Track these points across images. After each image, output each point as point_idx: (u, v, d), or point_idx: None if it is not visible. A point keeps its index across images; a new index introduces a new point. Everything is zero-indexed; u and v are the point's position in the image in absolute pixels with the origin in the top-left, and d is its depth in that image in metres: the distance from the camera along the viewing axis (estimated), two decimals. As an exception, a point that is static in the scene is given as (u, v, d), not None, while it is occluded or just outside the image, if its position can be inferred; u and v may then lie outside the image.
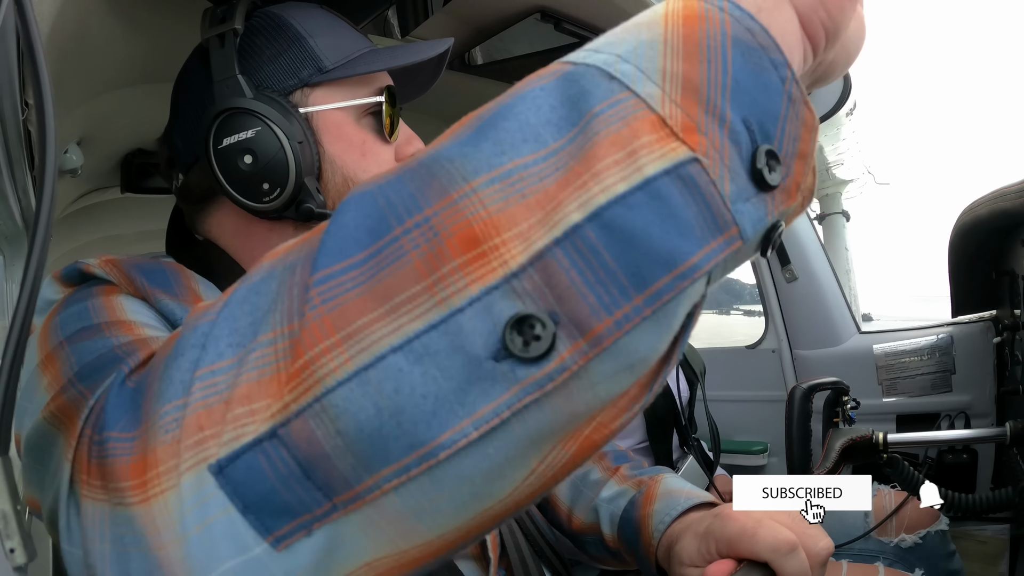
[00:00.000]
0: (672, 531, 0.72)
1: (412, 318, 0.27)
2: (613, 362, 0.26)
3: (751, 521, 0.58)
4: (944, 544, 1.22)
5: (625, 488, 0.84)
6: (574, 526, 0.88)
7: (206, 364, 0.31)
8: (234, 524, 0.29)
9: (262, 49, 0.73)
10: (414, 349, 0.26)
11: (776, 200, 0.29)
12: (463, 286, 0.26)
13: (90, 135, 1.44)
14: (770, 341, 1.93)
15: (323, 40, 0.74)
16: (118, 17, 0.99)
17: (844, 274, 2.78)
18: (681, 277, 0.26)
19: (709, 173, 0.27)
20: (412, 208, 0.28)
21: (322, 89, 0.73)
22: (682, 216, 0.26)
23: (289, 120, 0.69)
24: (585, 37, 1.41)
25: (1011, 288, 1.33)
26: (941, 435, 1.19)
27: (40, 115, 0.35)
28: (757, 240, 0.29)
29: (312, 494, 0.28)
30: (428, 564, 0.31)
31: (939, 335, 1.66)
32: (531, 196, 0.27)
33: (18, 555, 0.35)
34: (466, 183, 0.27)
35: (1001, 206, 1.18)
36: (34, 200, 0.97)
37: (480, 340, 0.26)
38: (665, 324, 0.27)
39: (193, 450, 0.30)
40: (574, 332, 0.26)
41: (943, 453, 1.60)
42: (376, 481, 0.27)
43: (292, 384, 0.28)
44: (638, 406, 0.29)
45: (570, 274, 0.26)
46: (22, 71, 0.74)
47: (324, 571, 0.30)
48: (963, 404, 1.62)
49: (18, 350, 0.35)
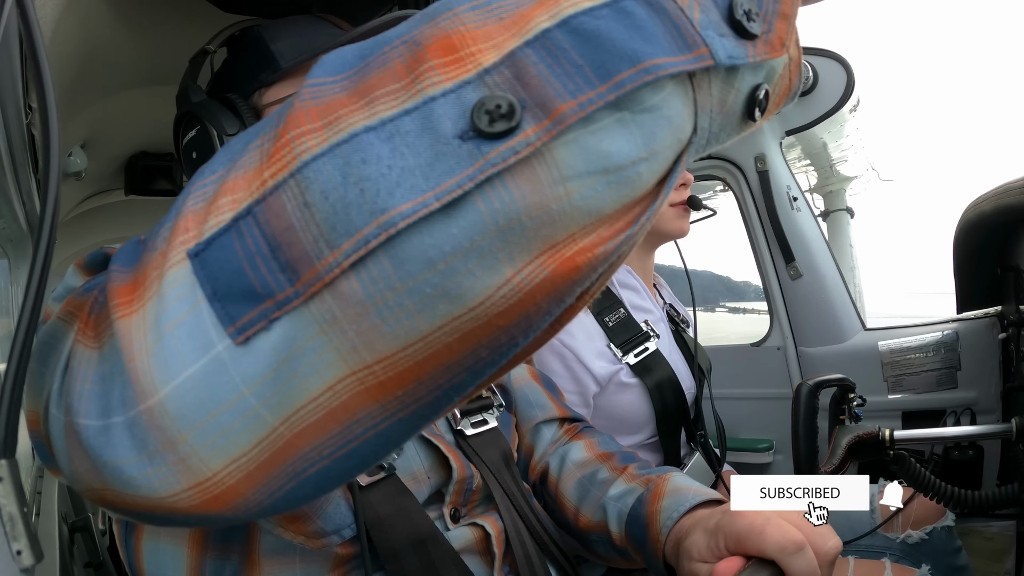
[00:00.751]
0: (681, 527, 0.72)
1: (389, 107, 0.28)
2: (581, 155, 0.27)
3: (760, 518, 0.58)
4: (950, 540, 1.22)
5: (633, 486, 0.84)
6: (581, 525, 0.88)
7: (198, 181, 0.33)
8: (200, 318, 0.29)
9: (233, 62, 0.82)
10: (386, 129, 0.27)
11: (758, 48, 0.30)
12: (438, 81, 0.28)
13: (94, 138, 1.45)
14: (775, 338, 1.93)
15: (284, 43, 0.79)
16: (121, 20, 0.99)
17: (849, 271, 2.77)
18: (645, 71, 0.27)
19: (677, 1, 0.28)
20: (402, 34, 0.30)
21: (277, 87, 0.77)
22: (647, 27, 0.27)
23: (228, 117, 0.74)
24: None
25: (1016, 284, 1.33)
26: (947, 431, 1.18)
27: (44, 118, 0.35)
28: (741, 90, 0.30)
29: (276, 276, 0.28)
30: (399, 399, 0.30)
31: (944, 331, 1.65)
32: (507, 17, 0.28)
33: (25, 557, 0.35)
34: (450, 11, 0.29)
35: (1006, 202, 1.18)
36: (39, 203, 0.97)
37: (450, 123, 0.27)
38: (635, 129, 0.28)
39: (177, 248, 0.30)
40: (539, 113, 0.27)
41: (949, 449, 1.60)
42: (336, 257, 0.27)
43: (271, 162, 0.29)
44: (623, 237, 0.29)
45: (538, 68, 0.27)
46: (26, 74, 0.74)
47: (285, 382, 0.29)
48: (969, 400, 1.61)
49: (23, 353, 0.35)
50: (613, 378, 1.30)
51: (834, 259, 1.82)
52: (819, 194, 3.03)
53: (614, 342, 1.32)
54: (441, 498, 0.75)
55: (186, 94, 0.79)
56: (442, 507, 0.75)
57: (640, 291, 1.44)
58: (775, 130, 1.80)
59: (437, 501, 0.75)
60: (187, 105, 0.78)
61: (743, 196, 1.85)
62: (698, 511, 0.72)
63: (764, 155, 1.76)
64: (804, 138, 1.99)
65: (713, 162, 1.86)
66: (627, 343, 1.32)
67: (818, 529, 0.57)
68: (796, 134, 1.85)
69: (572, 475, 0.91)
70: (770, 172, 1.77)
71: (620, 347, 1.31)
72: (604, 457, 0.92)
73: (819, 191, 3.02)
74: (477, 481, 0.78)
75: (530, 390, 1.00)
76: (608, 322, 1.33)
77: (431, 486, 0.74)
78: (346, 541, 0.65)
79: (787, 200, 1.78)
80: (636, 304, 1.41)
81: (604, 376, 1.29)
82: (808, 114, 1.78)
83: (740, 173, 1.82)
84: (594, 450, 0.94)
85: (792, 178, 1.82)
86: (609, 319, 1.33)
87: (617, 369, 1.30)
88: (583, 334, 1.30)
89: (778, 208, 1.77)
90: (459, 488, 0.76)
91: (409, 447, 0.75)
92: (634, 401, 1.32)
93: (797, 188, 1.82)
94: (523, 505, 0.81)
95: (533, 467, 0.97)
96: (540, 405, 0.99)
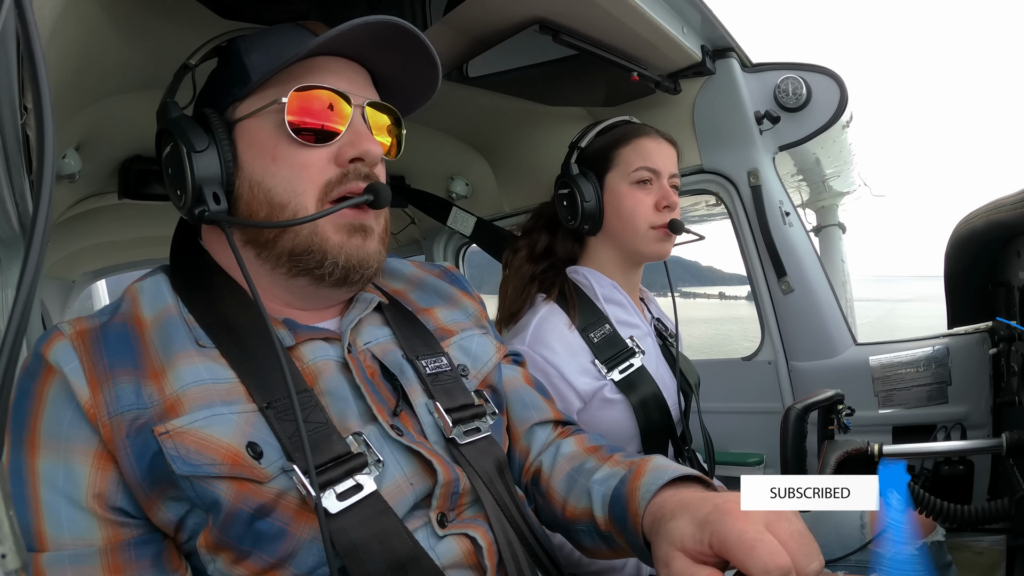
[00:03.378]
0: (662, 503, 0.70)
1: None
2: None
3: (752, 531, 0.56)
4: (941, 555, 1.22)
5: (617, 469, 0.85)
6: (568, 515, 0.88)
7: None
8: None
9: (215, 74, 0.84)
10: None
11: None
12: None
13: (88, 141, 1.44)
14: (766, 353, 1.93)
15: (257, 56, 0.80)
16: (118, 24, 0.99)
17: (840, 286, 2.78)
18: None
19: None
20: None
21: (248, 100, 0.79)
22: None
23: (199, 135, 0.77)
24: (583, 49, 1.42)
25: (1007, 299, 1.34)
26: (937, 446, 1.18)
27: (39, 120, 0.35)
28: None
29: None
30: None
31: (935, 346, 1.66)
32: None
33: (11, 560, 0.35)
34: None
35: (997, 218, 1.19)
36: (31, 204, 0.97)
37: None
38: None
39: None
40: None
41: (939, 464, 1.60)
42: None
43: None
44: None
45: None
46: (21, 76, 0.74)
47: None
48: (959, 415, 1.62)
49: (13, 354, 0.35)
50: (597, 394, 1.30)
51: (826, 274, 1.83)
52: (811, 209, 3.05)
53: (599, 358, 1.31)
54: (428, 504, 0.75)
55: (165, 109, 0.81)
56: (429, 512, 0.75)
57: (626, 306, 1.44)
58: (768, 145, 1.81)
59: (424, 507, 0.75)
60: (163, 121, 0.80)
61: (736, 210, 1.86)
62: (684, 491, 0.71)
63: (757, 170, 1.77)
64: (797, 153, 2.00)
65: (706, 176, 1.87)
66: (612, 359, 1.32)
67: (804, 549, 0.56)
68: (788, 149, 1.86)
69: (562, 468, 0.92)
70: (763, 187, 1.78)
71: (605, 363, 1.31)
72: (592, 450, 0.93)
73: (811, 206, 3.04)
74: (464, 484, 0.78)
75: (524, 392, 1.00)
76: (593, 338, 1.33)
77: (416, 493, 0.74)
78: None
79: (779, 215, 1.79)
80: (622, 320, 1.41)
81: (587, 392, 1.29)
82: (801, 129, 1.80)
83: (733, 187, 1.83)
84: (583, 444, 0.95)
85: (785, 193, 1.83)
86: (594, 335, 1.33)
87: (601, 385, 1.30)
88: (566, 351, 1.30)
89: (770, 223, 1.78)
90: (445, 492, 0.75)
91: (389, 457, 0.74)
92: (618, 417, 1.31)
93: (789, 203, 1.84)
94: (516, 516, 0.81)
95: (527, 468, 0.97)
96: (535, 407, 0.99)
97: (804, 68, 1.76)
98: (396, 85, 0.86)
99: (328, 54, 0.79)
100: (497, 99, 1.75)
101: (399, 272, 1.00)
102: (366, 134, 0.79)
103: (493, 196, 2.37)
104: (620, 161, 1.41)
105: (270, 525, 0.66)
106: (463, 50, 1.46)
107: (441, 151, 2.24)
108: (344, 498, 0.67)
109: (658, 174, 1.39)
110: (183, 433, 0.65)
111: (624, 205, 1.39)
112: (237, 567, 0.67)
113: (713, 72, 1.73)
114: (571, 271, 1.46)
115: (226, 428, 0.66)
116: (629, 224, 1.39)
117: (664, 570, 0.62)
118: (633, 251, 1.43)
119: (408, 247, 2.86)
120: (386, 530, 0.68)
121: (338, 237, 0.77)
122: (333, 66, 0.79)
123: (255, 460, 0.66)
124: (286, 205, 0.76)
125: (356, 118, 0.79)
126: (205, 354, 0.71)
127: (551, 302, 1.37)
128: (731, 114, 1.76)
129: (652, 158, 1.39)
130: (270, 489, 0.66)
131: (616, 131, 1.46)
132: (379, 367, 0.82)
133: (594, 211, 1.41)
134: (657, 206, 1.38)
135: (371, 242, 0.80)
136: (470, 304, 1.01)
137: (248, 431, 0.67)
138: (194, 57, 0.84)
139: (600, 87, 1.74)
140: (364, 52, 0.80)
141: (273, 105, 0.76)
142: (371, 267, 0.80)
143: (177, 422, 0.65)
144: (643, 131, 1.43)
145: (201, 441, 0.65)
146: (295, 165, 0.76)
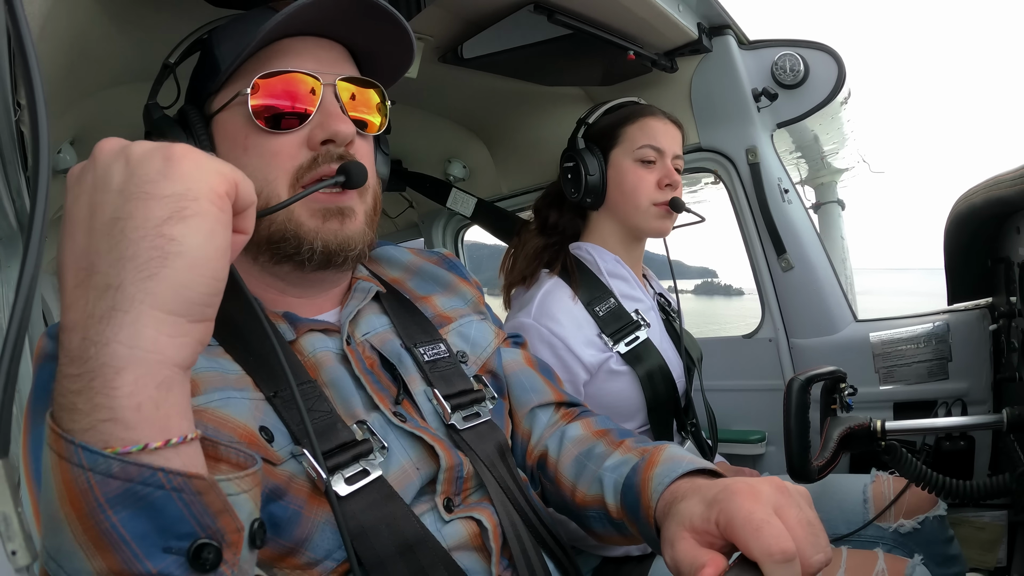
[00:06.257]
0: (675, 491, 0.70)
1: None
2: None
3: (761, 512, 0.56)
4: (943, 529, 1.23)
5: (629, 456, 0.84)
6: (578, 501, 0.88)
7: None
8: None
9: (194, 72, 0.84)
10: None
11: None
12: None
13: (83, 135, 1.44)
14: (767, 330, 1.94)
15: (225, 46, 0.80)
16: (110, 16, 0.98)
17: (840, 263, 2.77)
18: None
19: None
20: None
21: (220, 93, 0.78)
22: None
23: (176, 134, 0.77)
24: (578, 28, 1.41)
25: (1007, 275, 1.34)
26: (938, 422, 1.19)
27: (33, 115, 0.35)
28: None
29: None
30: None
31: (935, 323, 1.66)
32: None
33: (20, 557, 0.35)
34: None
35: (996, 194, 1.18)
36: (28, 201, 0.96)
37: None
38: None
39: None
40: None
41: (941, 440, 1.61)
42: None
43: None
44: None
45: None
46: (14, 71, 0.74)
47: None
48: (960, 391, 1.63)
49: (15, 351, 0.35)
50: (603, 365, 1.31)
51: (825, 251, 1.83)
52: (810, 186, 3.04)
53: (605, 331, 1.32)
54: (433, 489, 0.76)
55: (147, 112, 0.82)
56: (435, 497, 0.75)
57: (630, 280, 1.45)
58: (766, 122, 1.80)
59: (430, 492, 0.76)
60: (147, 123, 0.81)
61: (734, 188, 1.85)
62: (696, 478, 0.71)
63: (755, 147, 1.76)
64: (795, 130, 1.99)
65: (704, 154, 1.87)
66: (618, 332, 1.33)
67: (811, 539, 0.55)
68: (787, 126, 1.86)
69: (569, 453, 0.92)
70: (761, 164, 1.77)
71: (611, 336, 1.32)
72: (601, 434, 0.92)
73: (810, 183, 3.02)
74: (467, 468, 0.78)
75: (524, 375, 1.00)
76: (599, 312, 1.34)
77: (421, 478, 0.75)
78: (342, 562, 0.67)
79: (778, 192, 1.79)
80: (626, 293, 1.42)
81: (594, 364, 1.29)
82: (799, 106, 1.79)
83: (731, 165, 1.82)
84: (591, 428, 0.94)
85: (783, 170, 1.83)
86: (599, 308, 1.34)
87: (607, 356, 1.31)
88: (572, 323, 1.30)
89: (769, 200, 1.78)
90: (449, 476, 0.76)
91: (394, 443, 0.75)
92: (624, 388, 1.32)
93: (788, 180, 1.83)
94: (519, 497, 0.81)
95: (530, 452, 0.97)
96: (535, 390, 0.99)
97: (801, 45, 1.74)
98: (379, 57, 0.84)
99: (296, 35, 0.77)
100: (493, 80, 1.73)
101: (397, 260, 1.00)
102: (336, 113, 0.77)
103: (491, 178, 2.36)
104: (625, 138, 1.42)
105: (284, 509, 0.66)
106: (458, 32, 1.45)
107: (438, 134, 2.23)
108: (352, 482, 0.68)
109: (662, 153, 1.40)
110: (201, 411, 0.65)
111: (627, 181, 1.41)
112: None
113: (710, 50, 1.72)
114: (574, 247, 1.47)
115: (240, 410, 0.67)
116: (631, 199, 1.41)
117: (669, 551, 0.62)
118: (634, 226, 1.44)
119: (406, 231, 2.85)
120: (394, 513, 0.69)
121: (313, 222, 0.76)
122: (299, 47, 0.77)
123: (267, 443, 0.67)
124: (259, 194, 0.75)
125: (327, 97, 0.77)
126: (210, 352, 0.71)
127: (555, 276, 1.38)
128: (728, 92, 1.75)
129: (657, 137, 1.40)
130: (282, 471, 0.67)
131: (624, 110, 1.47)
132: (378, 357, 0.82)
133: (597, 185, 1.42)
134: (659, 184, 1.39)
135: (351, 224, 0.78)
136: (468, 290, 1.01)
137: (259, 416, 0.68)
138: (173, 55, 0.84)
139: (596, 67, 1.73)
140: (334, 28, 0.78)
141: (239, 97, 0.75)
142: (354, 248, 0.78)
143: (194, 400, 0.65)
144: (650, 111, 1.44)
145: (219, 419, 0.65)
146: (264, 154, 0.75)
